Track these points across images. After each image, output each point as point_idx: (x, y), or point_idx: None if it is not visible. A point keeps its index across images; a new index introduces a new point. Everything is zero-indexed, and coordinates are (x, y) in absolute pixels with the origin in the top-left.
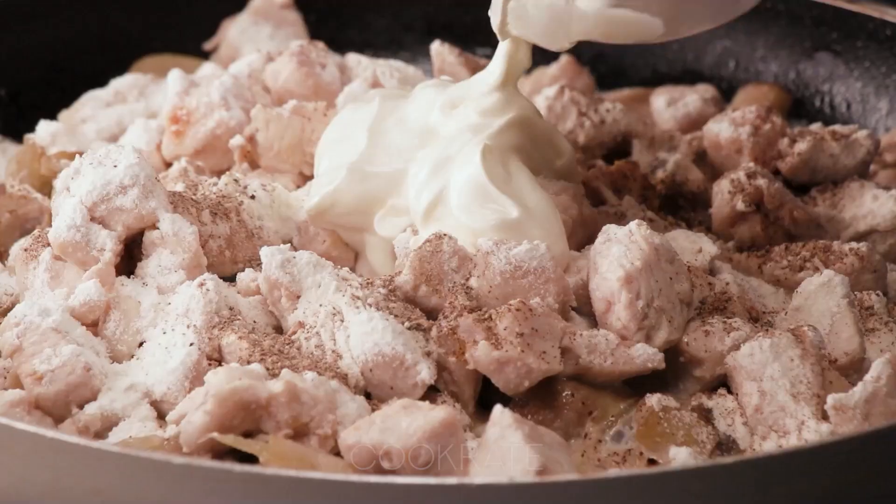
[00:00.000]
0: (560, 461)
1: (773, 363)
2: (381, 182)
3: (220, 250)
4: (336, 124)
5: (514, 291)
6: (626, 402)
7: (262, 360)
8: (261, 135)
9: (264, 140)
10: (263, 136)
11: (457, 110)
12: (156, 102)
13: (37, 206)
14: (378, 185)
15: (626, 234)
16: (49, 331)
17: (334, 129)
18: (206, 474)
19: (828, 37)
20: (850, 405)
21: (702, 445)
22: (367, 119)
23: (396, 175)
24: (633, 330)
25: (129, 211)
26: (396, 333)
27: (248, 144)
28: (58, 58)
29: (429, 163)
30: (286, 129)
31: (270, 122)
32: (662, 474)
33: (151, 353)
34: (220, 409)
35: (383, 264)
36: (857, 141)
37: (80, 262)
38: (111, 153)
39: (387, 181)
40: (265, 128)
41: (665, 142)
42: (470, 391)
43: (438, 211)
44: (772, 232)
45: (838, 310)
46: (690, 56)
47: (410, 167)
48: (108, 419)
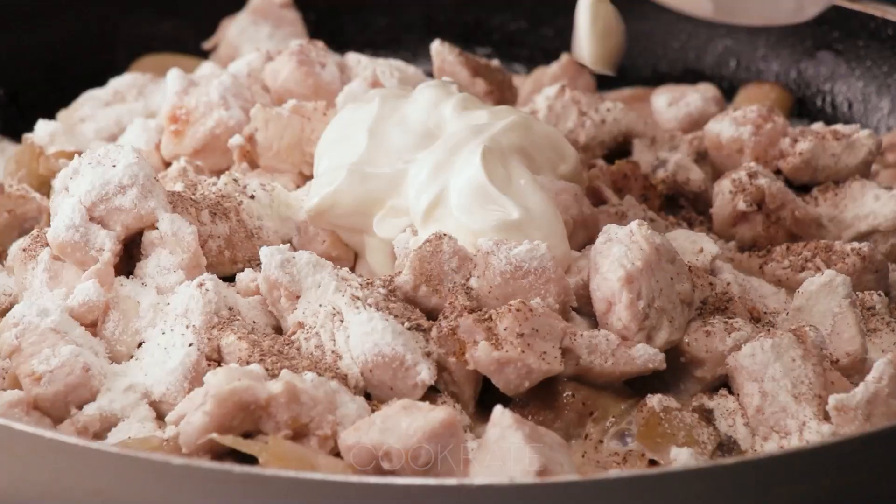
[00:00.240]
0: (561, 462)
1: (774, 363)
2: (381, 183)
3: (220, 250)
4: (336, 124)
5: (515, 291)
6: (626, 402)
7: (261, 360)
8: (260, 134)
9: (263, 140)
10: (263, 135)
11: (466, 111)
12: (155, 102)
13: (35, 206)
14: (378, 186)
15: (627, 233)
16: (48, 331)
17: (334, 129)
18: (205, 475)
19: (829, 36)
20: (852, 406)
21: (703, 446)
22: (367, 119)
23: (396, 176)
24: (634, 330)
25: (128, 211)
26: (396, 334)
27: (247, 144)
28: (57, 57)
29: (429, 164)
30: (285, 129)
31: (270, 121)
32: (663, 475)
33: (150, 353)
34: (220, 410)
35: (383, 265)
36: (858, 140)
37: (78, 262)
38: (110, 153)
39: (387, 182)
40: (264, 127)
41: (666, 141)
42: (470, 391)
43: (438, 212)
44: (773, 232)
45: (840, 310)
46: (691, 55)
47: (410, 168)
48: (107, 420)
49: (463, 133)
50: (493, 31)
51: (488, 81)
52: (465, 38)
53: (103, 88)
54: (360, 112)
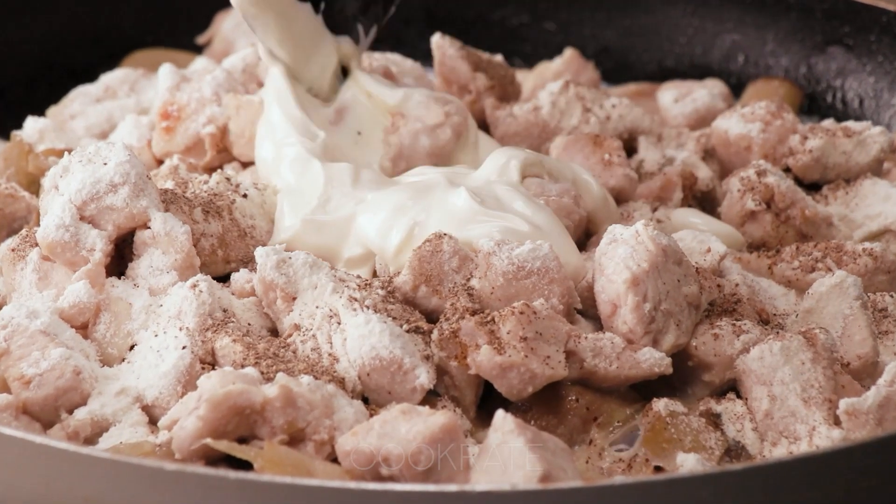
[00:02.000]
0: (564, 468)
1: (783, 367)
2: (334, 232)
3: (213, 249)
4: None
5: (518, 293)
6: (632, 407)
7: (256, 363)
8: (233, 122)
9: (236, 127)
10: (235, 123)
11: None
12: (147, 98)
13: (24, 205)
14: (331, 236)
15: (633, 234)
16: (37, 333)
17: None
18: (199, 481)
19: (840, 30)
20: (863, 410)
21: (710, 452)
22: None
23: (348, 220)
24: (640, 334)
25: (120, 210)
26: (394, 336)
27: (218, 133)
28: (47, 53)
29: (387, 206)
30: (257, 114)
31: (241, 108)
32: (669, 481)
33: (143, 356)
34: (214, 415)
35: None
36: (870, 137)
37: (69, 262)
38: (101, 150)
39: (339, 230)
40: (237, 114)
41: (673, 138)
42: (471, 396)
43: (417, 242)
44: (783, 231)
45: (851, 312)
46: (698, 50)
47: (359, 214)
48: (99, 424)
49: (433, 178)
50: (494, 25)
51: (489, 76)
52: (466, 33)
53: (94, 84)
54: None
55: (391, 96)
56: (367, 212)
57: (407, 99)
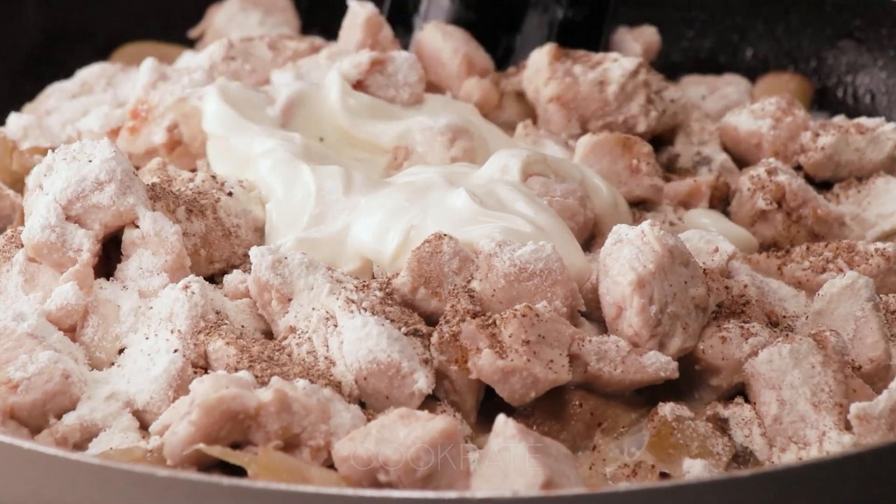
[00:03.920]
0: (567, 474)
1: (792, 370)
2: (329, 248)
3: (195, 249)
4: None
5: (520, 295)
6: (637, 411)
7: (250, 367)
8: (183, 128)
9: (187, 134)
10: (185, 129)
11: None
12: (123, 92)
13: (8, 203)
14: (327, 253)
15: (639, 234)
16: (24, 336)
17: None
18: (191, 488)
19: (851, 24)
20: (875, 414)
21: (717, 457)
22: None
23: (341, 232)
24: (646, 337)
25: (107, 208)
26: (392, 339)
27: (170, 143)
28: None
29: (384, 209)
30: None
31: (188, 116)
32: (675, 488)
33: (133, 359)
34: (207, 420)
35: None
36: (883, 134)
37: (55, 263)
38: (85, 147)
39: (334, 245)
40: (185, 122)
41: (696, 133)
42: (472, 401)
43: (415, 244)
44: (794, 231)
45: (862, 313)
46: (707, 44)
47: (353, 223)
48: (88, 429)
49: (430, 178)
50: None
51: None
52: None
53: (70, 80)
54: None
55: (386, 134)
56: (362, 218)
57: (407, 133)
